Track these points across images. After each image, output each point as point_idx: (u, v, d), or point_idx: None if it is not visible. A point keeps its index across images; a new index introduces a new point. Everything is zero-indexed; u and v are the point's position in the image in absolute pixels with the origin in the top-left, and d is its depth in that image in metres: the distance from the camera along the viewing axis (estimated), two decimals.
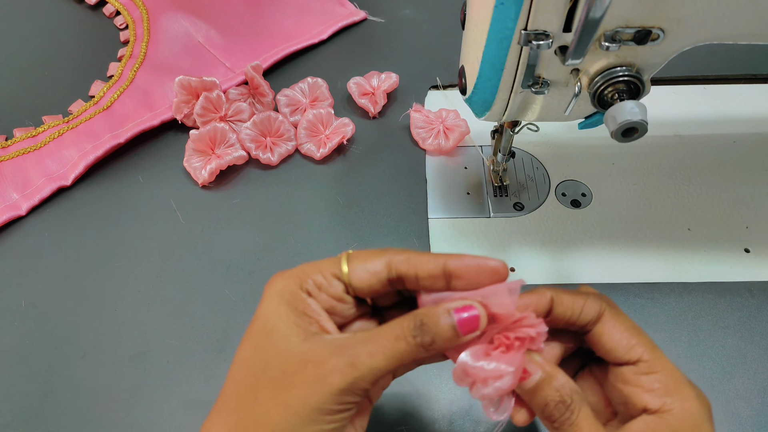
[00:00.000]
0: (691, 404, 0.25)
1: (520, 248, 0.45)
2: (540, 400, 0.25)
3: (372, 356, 0.24)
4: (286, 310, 0.25)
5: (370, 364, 0.23)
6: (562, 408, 0.25)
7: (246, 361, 0.26)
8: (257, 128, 0.50)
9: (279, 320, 0.25)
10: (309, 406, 0.23)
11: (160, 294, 0.44)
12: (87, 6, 0.65)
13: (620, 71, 0.31)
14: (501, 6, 0.30)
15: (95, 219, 0.48)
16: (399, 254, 0.26)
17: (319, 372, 0.23)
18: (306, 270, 0.27)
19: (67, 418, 0.38)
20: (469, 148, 0.51)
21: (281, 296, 0.26)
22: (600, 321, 0.27)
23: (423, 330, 0.24)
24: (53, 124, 0.53)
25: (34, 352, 0.41)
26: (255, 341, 0.26)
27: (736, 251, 0.44)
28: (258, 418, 0.24)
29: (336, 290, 0.26)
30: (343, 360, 0.23)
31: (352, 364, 0.23)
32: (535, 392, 0.25)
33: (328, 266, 0.26)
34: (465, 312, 0.24)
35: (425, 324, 0.24)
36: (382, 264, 0.26)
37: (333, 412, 0.23)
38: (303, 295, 0.26)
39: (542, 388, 0.25)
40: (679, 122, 0.52)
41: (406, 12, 0.63)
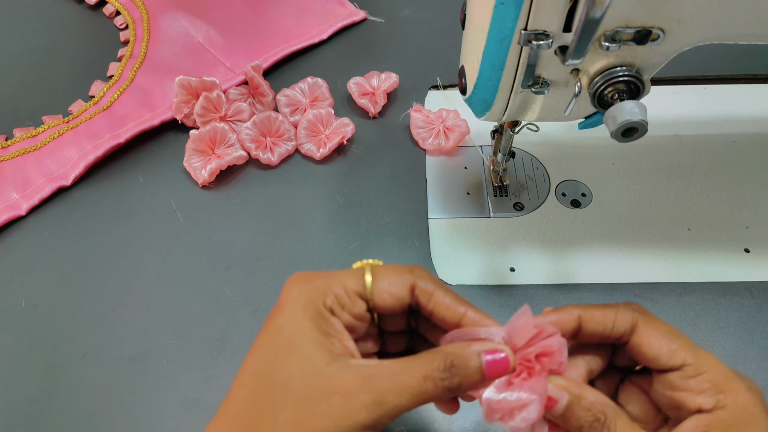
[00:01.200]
0: (743, 397, 0.24)
1: (520, 248, 0.45)
2: (574, 423, 0.25)
3: (399, 395, 0.23)
4: (310, 326, 0.25)
5: (396, 402, 0.23)
6: (598, 426, 0.24)
7: (264, 375, 0.25)
8: (257, 128, 0.50)
9: (303, 337, 0.24)
10: None
11: (160, 294, 0.44)
12: (87, 6, 0.65)
13: (620, 71, 0.31)
14: (501, 6, 0.30)
15: (95, 219, 0.48)
16: (423, 281, 0.26)
17: (346, 406, 0.23)
18: (329, 283, 0.26)
19: (67, 418, 0.38)
20: (469, 148, 0.51)
21: (305, 310, 0.25)
22: (635, 331, 0.26)
23: (452, 373, 0.24)
24: (53, 124, 0.53)
25: (34, 352, 0.41)
26: (276, 355, 0.25)
27: (736, 251, 0.44)
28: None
29: (359, 310, 0.26)
30: (371, 396, 0.23)
31: (379, 402, 0.23)
32: (567, 416, 0.25)
33: (351, 282, 0.26)
34: (494, 355, 0.24)
35: (455, 366, 0.24)
36: (407, 290, 0.26)
37: None
38: (327, 312, 0.25)
39: (573, 410, 0.25)
40: (679, 122, 0.52)
41: (406, 12, 0.63)
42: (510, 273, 0.44)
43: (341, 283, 0.26)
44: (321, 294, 0.25)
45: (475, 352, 0.24)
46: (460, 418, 0.37)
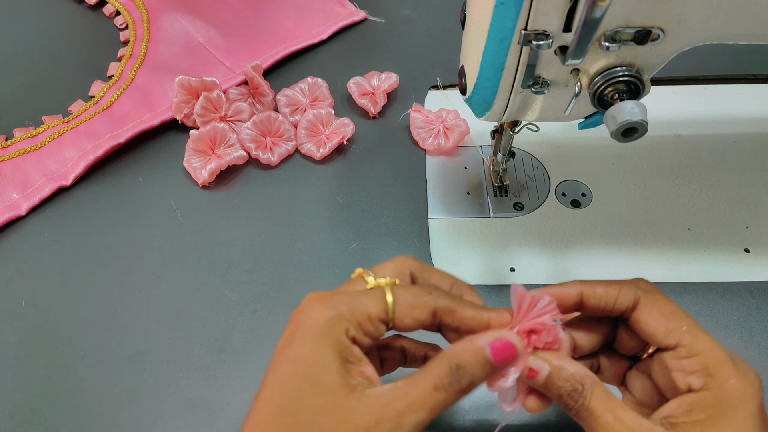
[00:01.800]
0: (731, 382, 0.25)
1: (520, 248, 0.45)
2: (554, 392, 0.26)
3: (416, 413, 0.24)
4: (332, 357, 0.24)
5: (414, 420, 0.24)
6: (576, 395, 0.26)
7: (287, 409, 0.24)
8: (257, 128, 0.50)
9: (324, 370, 0.24)
10: None
11: (160, 294, 0.44)
12: (87, 6, 0.65)
13: (620, 71, 0.31)
14: (501, 6, 0.30)
15: (95, 219, 0.48)
16: (443, 300, 0.26)
17: None
18: (352, 310, 0.26)
19: (67, 418, 0.38)
20: (469, 148, 0.51)
21: (327, 339, 0.25)
22: (637, 308, 0.27)
23: (460, 375, 0.24)
24: (53, 124, 0.53)
25: (34, 352, 0.41)
26: (298, 389, 0.24)
27: (736, 251, 0.44)
28: None
29: (380, 334, 0.26)
30: (391, 424, 0.23)
31: (399, 426, 0.23)
32: (548, 386, 0.26)
33: (374, 307, 0.26)
34: (499, 343, 0.25)
35: (461, 367, 0.24)
36: (428, 314, 0.26)
37: None
38: (348, 341, 0.25)
39: (553, 381, 0.26)
40: (679, 122, 0.52)
41: (406, 12, 0.63)
42: (510, 273, 0.44)
43: (364, 309, 0.26)
44: (344, 322, 0.25)
45: (479, 346, 0.25)
46: (461, 417, 0.37)
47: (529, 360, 0.26)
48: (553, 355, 0.27)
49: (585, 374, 0.26)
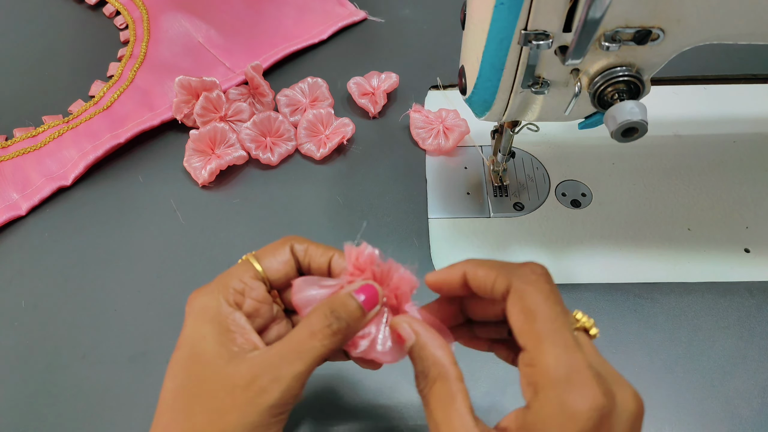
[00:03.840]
0: (548, 409, 0.22)
1: (520, 248, 0.45)
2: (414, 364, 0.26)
3: (292, 364, 0.24)
4: (210, 330, 0.26)
5: (292, 372, 0.24)
6: (421, 378, 0.25)
7: (179, 389, 0.26)
8: (257, 128, 0.50)
9: (204, 342, 0.26)
10: (245, 428, 0.24)
11: (160, 294, 0.44)
12: (87, 6, 0.65)
13: (620, 71, 0.31)
14: (501, 6, 0.30)
15: (95, 219, 0.48)
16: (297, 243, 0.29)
17: (248, 395, 0.24)
18: (224, 281, 0.27)
19: (67, 418, 0.38)
20: (469, 148, 0.51)
21: (204, 315, 0.26)
22: (507, 296, 0.25)
23: (332, 318, 0.25)
24: (53, 124, 0.53)
25: (34, 352, 0.41)
26: (184, 368, 0.26)
27: (736, 251, 0.44)
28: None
29: (259, 292, 0.27)
30: (267, 377, 0.24)
31: (276, 379, 0.24)
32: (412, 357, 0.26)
33: (243, 271, 0.27)
34: (364, 292, 0.27)
35: (335, 310, 0.26)
36: (289, 253, 0.28)
37: (269, 425, 0.24)
38: (227, 309, 0.26)
39: (412, 354, 0.26)
40: (679, 122, 0.52)
41: (406, 12, 0.63)
42: None
43: (236, 276, 0.27)
44: (219, 293, 0.27)
45: (347, 294, 0.27)
46: None
47: (401, 326, 0.26)
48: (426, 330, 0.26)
49: (438, 362, 0.25)
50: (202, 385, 0.25)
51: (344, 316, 0.26)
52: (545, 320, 0.23)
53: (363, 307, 0.27)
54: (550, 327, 0.23)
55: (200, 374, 0.25)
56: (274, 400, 0.24)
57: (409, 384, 0.39)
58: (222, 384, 0.25)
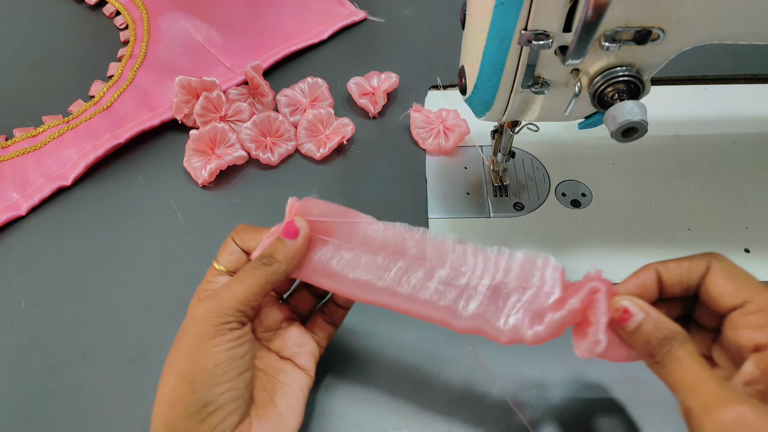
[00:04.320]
0: None
1: (520, 248, 0.45)
2: (642, 338, 0.27)
3: (229, 288, 0.30)
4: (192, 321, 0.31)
5: (229, 294, 0.30)
6: (666, 343, 0.26)
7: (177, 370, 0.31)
8: (257, 128, 0.50)
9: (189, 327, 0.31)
10: (198, 338, 0.29)
11: (160, 294, 0.44)
12: (87, 6, 0.65)
13: (620, 71, 0.31)
14: (501, 6, 0.30)
15: (95, 219, 0.48)
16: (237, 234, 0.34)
17: (194, 316, 0.30)
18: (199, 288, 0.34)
19: (67, 418, 0.38)
20: (469, 148, 0.51)
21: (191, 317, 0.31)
22: (707, 274, 0.28)
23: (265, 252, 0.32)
24: (53, 124, 0.53)
25: (34, 352, 0.41)
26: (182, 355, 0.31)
27: (736, 251, 0.44)
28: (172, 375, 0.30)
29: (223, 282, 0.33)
30: (209, 300, 0.30)
31: (213, 298, 0.30)
32: (638, 331, 0.27)
33: (210, 273, 0.34)
34: (284, 231, 0.32)
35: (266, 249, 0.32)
36: (232, 245, 0.34)
37: (218, 334, 0.29)
38: None
39: (644, 327, 0.27)
40: (679, 122, 0.52)
41: (406, 12, 0.63)
42: None
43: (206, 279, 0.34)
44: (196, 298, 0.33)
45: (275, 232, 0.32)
46: (461, 418, 0.37)
47: (625, 302, 0.28)
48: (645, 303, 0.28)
49: (677, 329, 0.27)
50: None
51: (270, 252, 0.31)
52: (756, 280, 0.27)
53: (282, 237, 0.32)
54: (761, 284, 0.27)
55: None
56: (215, 312, 0.29)
57: (409, 382, 0.39)
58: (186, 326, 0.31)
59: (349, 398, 0.38)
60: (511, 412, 0.37)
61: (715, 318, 0.29)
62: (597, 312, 0.28)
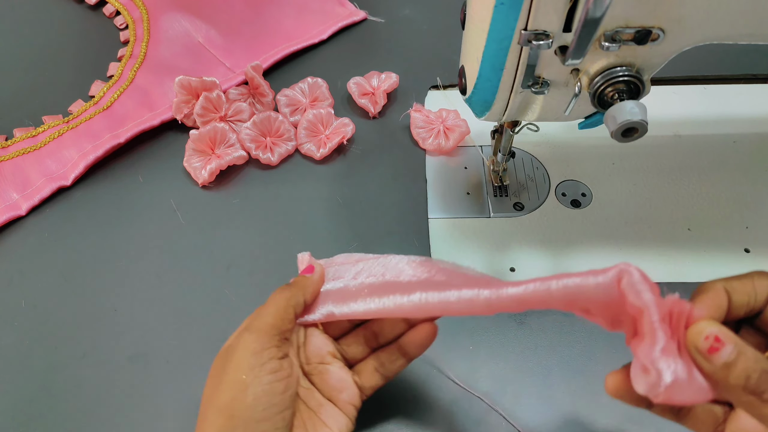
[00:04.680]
0: None
1: (520, 248, 0.45)
2: (739, 374, 0.23)
3: (258, 316, 0.31)
4: None
5: (260, 321, 0.30)
6: (766, 378, 0.23)
7: None
8: (257, 128, 0.50)
9: None
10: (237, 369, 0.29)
11: (160, 294, 0.44)
12: (87, 6, 0.65)
13: (620, 71, 0.31)
14: (501, 6, 0.30)
15: (95, 219, 0.48)
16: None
17: (233, 348, 0.30)
18: None
19: (67, 418, 0.38)
20: (469, 148, 0.51)
21: None
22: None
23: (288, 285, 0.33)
24: (53, 124, 0.53)
25: (34, 352, 0.41)
26: None
27: (736, 251, 0.44)
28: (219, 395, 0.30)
29: None
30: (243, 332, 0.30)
31: (247, 329, 0.30)
32: (732, 367, 0.23)
33: None
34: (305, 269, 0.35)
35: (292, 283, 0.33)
36: None
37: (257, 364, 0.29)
38: None
39: (739, 361, 0.23)
40: (679, 122, 0.52)
41: (406, 12, 0.63)
42: (510, 273, 0.44)
43: None
44: None
45: None
46: (461, 417, 0.37)
47: (713, 329, 0.23)
48: (727, 336, 0.24)
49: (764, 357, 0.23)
50: None
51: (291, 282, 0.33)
52: None
53: (303, 276, 0.34)
54: None
55: None
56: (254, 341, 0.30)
57: (409, 384, 0.39)
58: None
59: None
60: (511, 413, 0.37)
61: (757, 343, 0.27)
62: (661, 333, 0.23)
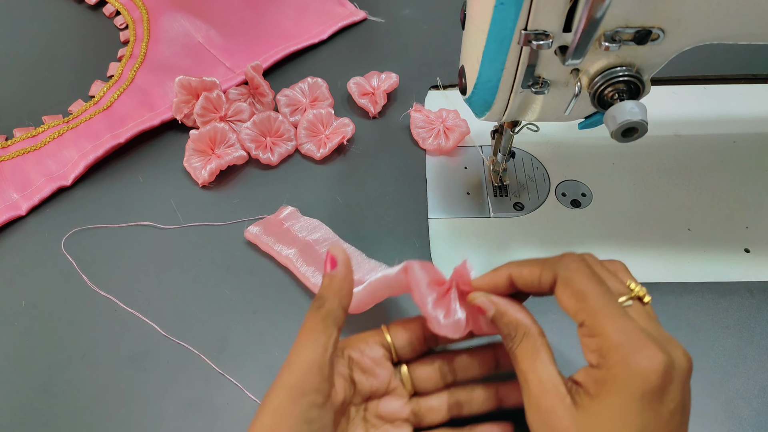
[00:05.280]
0: (619, 367, 0.26)
1: (520, 248, 0.45)
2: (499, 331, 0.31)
3: (296, 352, 0.29)
4: None
5: (299, 359, 0.29)
6: (509, 339, 0.30)
7: None
8: (257, 128, 0.50)
9: None
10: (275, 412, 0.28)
11: (160, 294, 0.44)
12: (87, 6, 0.65)
13: (620, 71, 0.31)
14: (501, 6, 0.30)
15: (95, 219, 0.48)
16: None
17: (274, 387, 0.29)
18: None
19: (67, 418, 0.38)
20: (469, 148, 0.52)
21: None
22: (556, 285, 0.29)
23: (317, 297, 0.31)
24: (53, 124, 0.53)
25: (34, 352, 0.41)
26: None
27: (736, 251, 0.44)
28: None
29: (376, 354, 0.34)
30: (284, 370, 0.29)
31: (287, 366, 0.29)
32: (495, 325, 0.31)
33: None
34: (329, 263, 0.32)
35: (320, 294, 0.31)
36: None
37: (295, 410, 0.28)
38: None
39: (496, 322, 0.31)
40: (679, 122, 0.52)
41: (406, 12, 0.63)
42: None
43: None
44: None
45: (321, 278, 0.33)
46: None
47: (479, 299, 0.31)
48: (501, 300, 0.31)
49: (522, 323, 0.30)
50: None
51: (321, 293, 0.31)
52: (596, 297, 0.27)
53: (326, 271, 0.32)
54: (602, 302, 0.27)
55: None
56: (293, 382, 0.28)
57: None
58: None
59: None
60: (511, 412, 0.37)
61: None
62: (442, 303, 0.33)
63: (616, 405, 0.26)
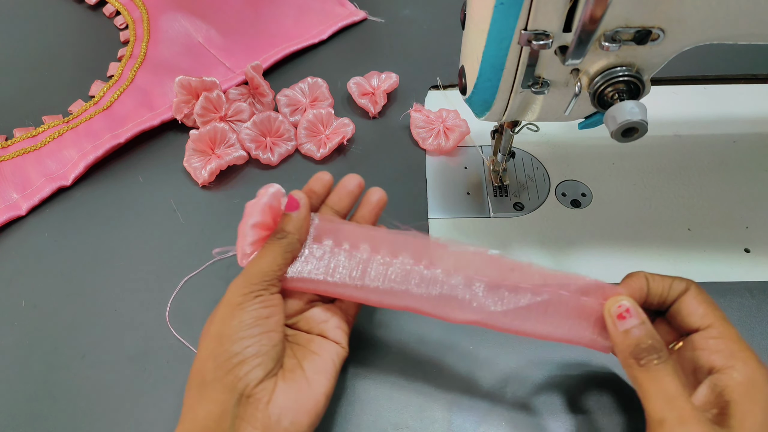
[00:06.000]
0: (751, 366, 0.29)
1: (520, 248, 0.45)
2: (631, 341, 0.30)
3: (254, 264, 0.34)
4: None
5: (255, 269, 0.33)
6: (652, 351, 0.29)
7: None
8: (257, 128, 0.50)
9: None
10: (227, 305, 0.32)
11: (160, 294, 0.44)
12: (87, 6, 0.65)
13: (620, 71, 0.31)
14: (501, 6, 0.30)
15: (95, 219, 0.48)
16: None
17: (228, 291, 0.33)
18: None
19: (67, 418, 0.38)
20: (469, 148, 0.52)
21: None
22: (685, 294, 0.32)
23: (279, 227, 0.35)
24: (53, 124, 0.53)
25: (34, 352, 0.41)
26: None
27: (736, 251, 0.44)
28: None
29: None
30: (239, 277, 0.33)
31: (243, 274, 0.34)
32: (628, 333, 0.30)
33: None
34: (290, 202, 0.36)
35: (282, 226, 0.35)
36: None
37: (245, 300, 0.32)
38: None
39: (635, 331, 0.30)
40: (679, 122, 0.52)
41: (406, 12, 0.63)
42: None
43: None
44: None
45: None
46: (461, 418, 0.37)
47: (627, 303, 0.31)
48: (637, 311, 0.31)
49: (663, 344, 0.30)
50: None
51: (281, 227, 0.35)
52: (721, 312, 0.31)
53: (288, 214, 0.36)
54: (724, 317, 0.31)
55: None
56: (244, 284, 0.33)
57: (409, 383, 0.39)
58: None
59: (349, 399, 0.38)
60: (511, 413, 0.37)
61: (671, 336, 0.33)
62: None
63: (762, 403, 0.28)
